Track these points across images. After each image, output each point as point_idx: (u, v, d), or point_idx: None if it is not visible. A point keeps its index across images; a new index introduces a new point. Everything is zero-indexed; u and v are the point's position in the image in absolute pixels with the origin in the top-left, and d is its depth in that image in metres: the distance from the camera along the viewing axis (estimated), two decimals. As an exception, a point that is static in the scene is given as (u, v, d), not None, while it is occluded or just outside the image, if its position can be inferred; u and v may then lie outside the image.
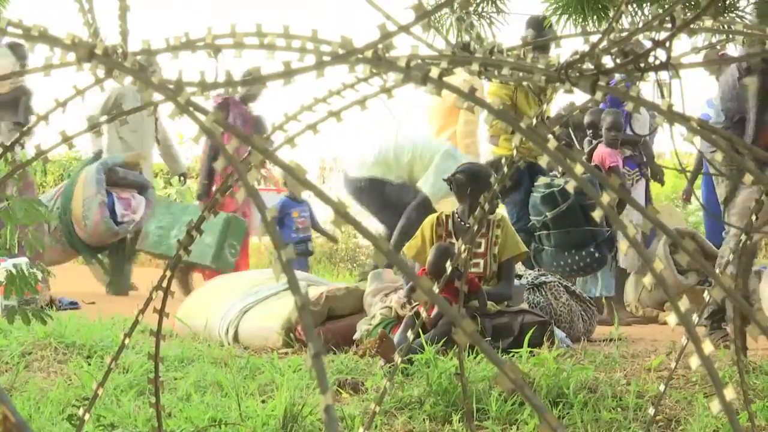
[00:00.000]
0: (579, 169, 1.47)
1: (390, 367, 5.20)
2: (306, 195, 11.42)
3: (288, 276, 1.20)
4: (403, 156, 8.74)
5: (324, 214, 11.97)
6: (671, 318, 1.37)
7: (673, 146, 2.61)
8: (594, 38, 2.02)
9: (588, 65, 1.93)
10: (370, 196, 9.04)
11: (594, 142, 9.43)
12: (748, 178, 1.64)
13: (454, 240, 6.88)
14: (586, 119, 9.51)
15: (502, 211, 9.06)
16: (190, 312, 7.31)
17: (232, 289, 7.65)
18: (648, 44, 2.02)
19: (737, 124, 7.77)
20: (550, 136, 1.45)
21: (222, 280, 8.54)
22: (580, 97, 11.64)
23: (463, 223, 6.99)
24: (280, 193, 12.59)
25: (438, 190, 8.47)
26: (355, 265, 16.06)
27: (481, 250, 6.87)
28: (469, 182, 7.02)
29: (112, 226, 10.79)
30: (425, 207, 8.55)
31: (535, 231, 8.82)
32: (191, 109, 1.33)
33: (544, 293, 7.61)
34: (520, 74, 1.84)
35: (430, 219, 7.11)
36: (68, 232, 10.90)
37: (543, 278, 7.79)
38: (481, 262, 6.87)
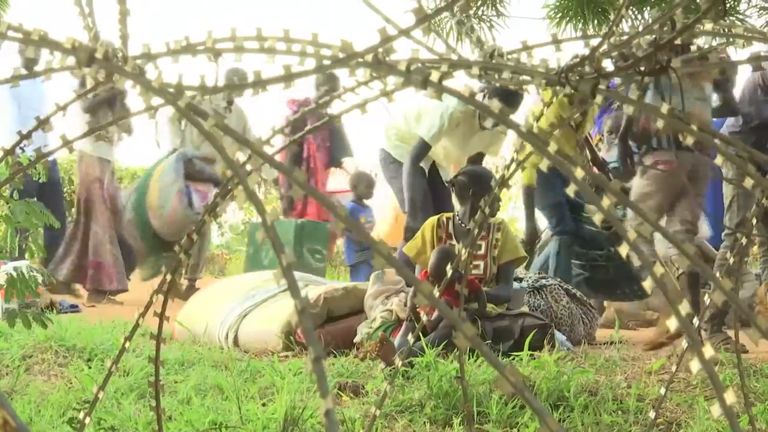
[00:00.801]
0: (580, 173, 1.47)
1: (390, 370, 5.20)
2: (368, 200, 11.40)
3: (288, 280, 1.20)
4: (411, 113, 8.74)
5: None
6: (671, 322, 1.37)
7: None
8: (594, 42, 2.02)
9: (588, 69, 1.93)
10: (383, 167, 9.16)
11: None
12: (748, 181, 1.64)
13: (454, 242, 6.89)
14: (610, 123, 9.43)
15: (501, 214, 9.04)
16: (189, 316, 7.30)
17: (231, 293, 7.65)
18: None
19: (754, 129, 7.84)
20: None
21: (221, 284, 8.54)
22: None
23: (463, 225, 7.01)
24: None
25: (429, 129, 8.44)
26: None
27: (481, 252, 6.89)
28: (471, 184, 7.05)
29: (190, 213, 10.42)
30: (421, 149, 8.54)
31: (591, 261, 8.73)
32: (192, 113, 1.33)
33: (544, 296, 7.60)
34: (520, 78, 1.85)
35: (431, 221, 7.15)
36: (142, 225, 10.63)
37: (543, 281, 7.77)
38: (481, 264, 6.88)
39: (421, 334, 5.53)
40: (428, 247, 6.92)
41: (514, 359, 5.64)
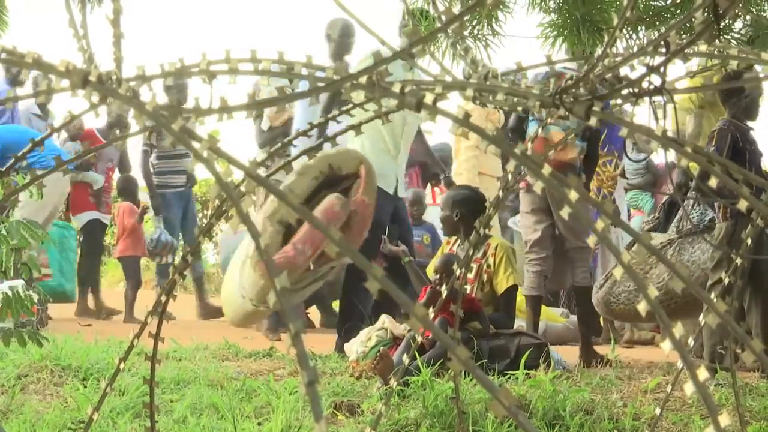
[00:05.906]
0: (574, 195, 1.47)
1: (386, 390, 5.19)
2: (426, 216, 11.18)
3: (283, 306, 1.20)
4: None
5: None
6: (666, 344, 1.37)
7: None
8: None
9: (582, 90, 1.93)
10: None
11: None
12: (742, 203, 1.64)
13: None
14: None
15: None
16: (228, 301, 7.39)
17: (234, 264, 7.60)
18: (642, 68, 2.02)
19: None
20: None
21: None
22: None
23: (462, 246, 7.10)
24: None
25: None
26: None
27: (470, 276, 6.90)
28: (461, 207, 7.12)
29: None
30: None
31: None
32: (186, 136, 1.33)
33: None
34: (515, 99, 1.85)
35: (446, 239, 7.37)
36: None
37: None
38: (468, 287, 6.89)
39: (417, 353, 5.52)
40: None
41: (509, 378, 5.63)
